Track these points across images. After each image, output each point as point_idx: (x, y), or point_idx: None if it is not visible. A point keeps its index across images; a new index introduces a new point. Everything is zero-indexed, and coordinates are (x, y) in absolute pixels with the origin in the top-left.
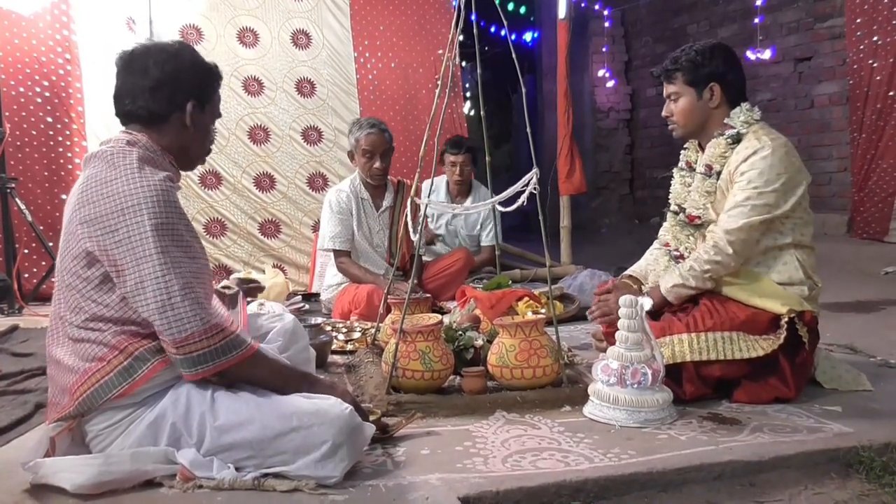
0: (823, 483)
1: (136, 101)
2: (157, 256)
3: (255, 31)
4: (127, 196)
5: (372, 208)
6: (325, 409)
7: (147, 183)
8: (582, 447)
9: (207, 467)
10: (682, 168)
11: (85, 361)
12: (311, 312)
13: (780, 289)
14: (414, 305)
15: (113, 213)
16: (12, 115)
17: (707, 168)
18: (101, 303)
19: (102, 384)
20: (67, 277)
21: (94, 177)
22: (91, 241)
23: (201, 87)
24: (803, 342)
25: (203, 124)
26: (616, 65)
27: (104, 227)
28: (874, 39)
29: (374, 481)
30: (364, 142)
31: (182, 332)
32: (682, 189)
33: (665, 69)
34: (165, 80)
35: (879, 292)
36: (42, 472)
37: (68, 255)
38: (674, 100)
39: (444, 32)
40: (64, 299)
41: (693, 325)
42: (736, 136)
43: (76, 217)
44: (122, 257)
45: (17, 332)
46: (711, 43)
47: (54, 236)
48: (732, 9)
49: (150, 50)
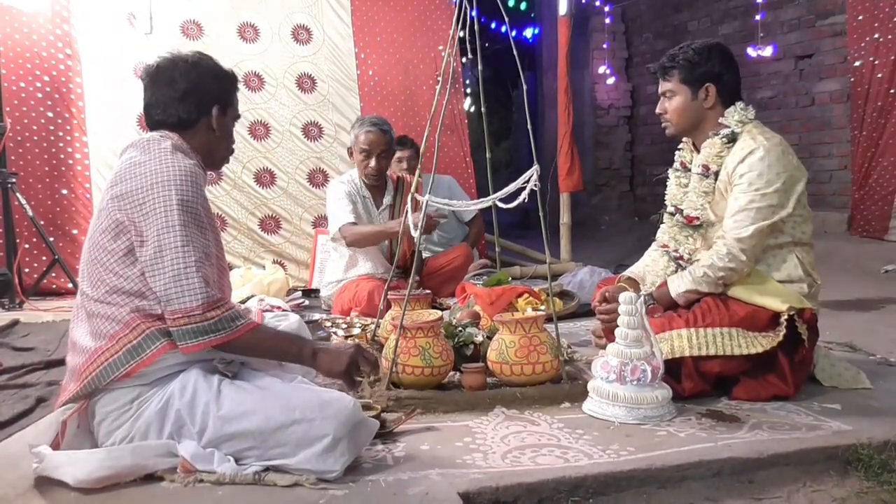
0: (822, 480)
1: (167, 110)
2: (179, 229)
3: (256, 26)
4: (158, 173)
5: (372, 206)
6: (328, 402)
7: (178, 164)
8: (581, 443)
9: (208, 460)
10: (677, 169)
11: (97, 340)
12: (310, 308)
13: (781, 286)
14: (414, 302)
15: (143, 188)
16: (13, 110)
17: (704, 168)
18: (121, 275)
19: (111, 363)
20: (94, 252)
21: (128, 160)
22: (121, 213)
23: (223, 92)
24: (803, 340)
25: (226, 127)
26: (616, 61)
27: (134, 201)
28: (875, 37)
29: (373, 476)
30: (363, 139)
31: (191, 302)
32: (678, 190)
33: (662, 66)
34: (191, 89)
35: (879, 290)
36: (45, 464)
37: (97, 231)
38: (668, 97)
39: (444, 28)
40: (87, 275)
41: (693, 320)
42: (731, 135)
43: (108, 194)
44: (148, 227)
45: (17, 326)
46: (710, 42)
47: (55, 231)
48: (733, 5)
49: (175, 62)
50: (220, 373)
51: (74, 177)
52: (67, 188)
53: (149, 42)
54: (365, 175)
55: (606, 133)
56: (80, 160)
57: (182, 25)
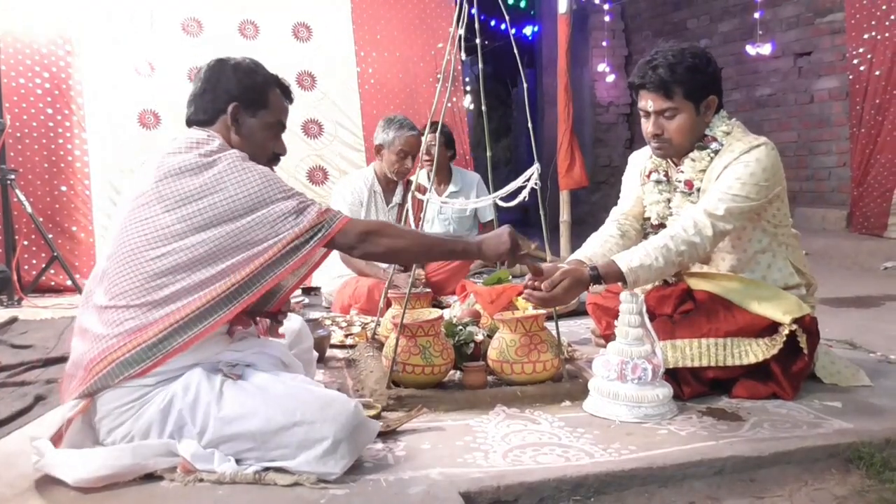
0: (824, 479)
1: (190, 107)
2: (266, 203)
3: (256, 23)
4: (219, 168)
5: (383, 202)
6: (329, 403)
7: (232, 155)
8: (582, 442)
9: (209, 460)
10: (660, 180)
11: (109, 328)
12: (310, 306)
13: (780, 291)
14: (414, 300)
15: (204, 187)
16: (12, 107)
17: (688, 185)
18: (168, 254)
19: (125, 359)
20: (127, 255)
21: (175, 156)
22: (175, 213)
23: (244, 89)
24: (801, 349)
25: (250, 129)
26: (616, 59)
27: (196, 194)
28: (873, 34)
29: (374, 475)
30: (403, 143)
31: (306, 221)
32: (663, 205)
33: (660, 81)
34: (209, 85)
35: (879, 287)
36: (44, 461)
37: (143, 208)
38: (668, 116)
39: (444, 26)
40: (110, 286)
41: (688, 330)
42: (718, 149)
43: (155, 190)
44: (226, 214)
45: (16, 323)
46: (696, 48)
47: (54, 228)
48: (732, 3)
49: (212, 61)
50: (224, 374)
51: (74, 173)
52: (67, 185)
53: (149, 39)
54: (396, 173)
55: (606, 130)
56: (80, 157)
57: (183, 22)
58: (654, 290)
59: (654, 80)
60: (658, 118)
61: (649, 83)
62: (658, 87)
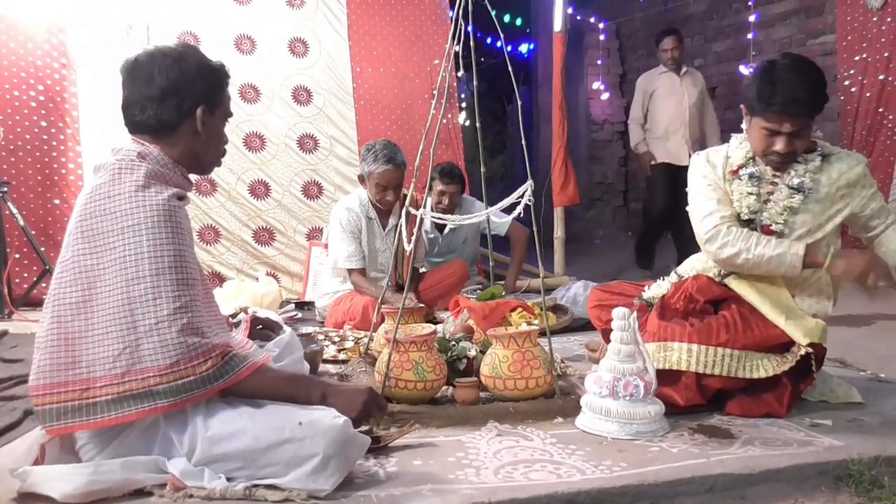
0: (814, 496)
1: (145, 111)
2: (150, 279)
3: (253, 38)
4: (127, 215)
5: (379, 227)
6: (317, 420)
7: (150, 203)
8: (574, 459)
9: (198, 477)
10: (754, 174)
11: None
12: (304, 321)
13: (807, 316)
14: (408, 315)
15: (112, 231)
16: (6, 119)
17: (799, 184)
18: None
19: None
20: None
21: (99, 189)
22: (91, 257)
23: (209, 90)
24: (811, 371)
25: (214, 128)
26: (611, 77)
27: (103, 245)
28: (864, 56)
29: (365, 492)
30: (380, 178)
31: (166, 359)
32: (754, 198)
33: (810, 109)
34: (172, 89)
35: (869, 305)
36: (30, 480)
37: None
38: (801, 136)
39: (440, 43)
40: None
41: (706, 336)
42: (822, 153)
43: (78, 227)
44: (115, 277)
45: (6, 337)
46: (814, 63)
47: (46, 241)
48: (726, 24)
49: (154, 57)
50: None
51: (67, 186)
52: (60, 198)
53: None
54: (380, 204)
55: (601, 148)
56: (73, 170)
57: (179, 36)
58: (701, 278)
59: (802, 110)
60: (788, 138)
61: (798, 112)
62: (804, 114)
